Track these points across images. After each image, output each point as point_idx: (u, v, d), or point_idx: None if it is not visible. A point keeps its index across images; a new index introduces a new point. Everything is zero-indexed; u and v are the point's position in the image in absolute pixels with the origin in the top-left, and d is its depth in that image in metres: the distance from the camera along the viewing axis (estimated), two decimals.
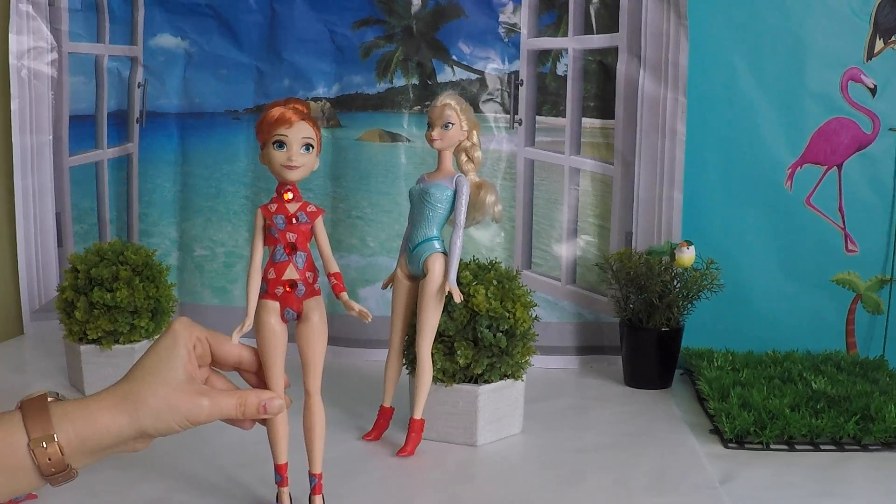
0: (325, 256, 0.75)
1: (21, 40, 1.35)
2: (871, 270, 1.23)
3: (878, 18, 1.18)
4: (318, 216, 0.73)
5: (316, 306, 0.73)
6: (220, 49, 1.35)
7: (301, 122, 0.70)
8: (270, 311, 0.72)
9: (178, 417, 0.61)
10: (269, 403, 0.67)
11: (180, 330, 0.64)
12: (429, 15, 1.29)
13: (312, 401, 0.75)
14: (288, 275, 0.71)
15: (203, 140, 1.38)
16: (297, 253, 0.71)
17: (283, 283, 0.71)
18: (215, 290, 1.37)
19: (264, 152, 0.71)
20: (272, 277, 0.71)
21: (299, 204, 0.72)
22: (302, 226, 0.72)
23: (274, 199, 0.73)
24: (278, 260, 0.71)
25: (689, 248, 1.13)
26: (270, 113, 0.70)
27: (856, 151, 1.21)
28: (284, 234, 0.71)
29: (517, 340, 0.93)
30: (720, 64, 1.21)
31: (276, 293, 0.72)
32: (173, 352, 0.63)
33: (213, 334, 0.68)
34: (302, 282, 0.71)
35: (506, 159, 1.30)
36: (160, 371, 0.61)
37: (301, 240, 0.72)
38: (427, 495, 0.83)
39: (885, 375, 1.09)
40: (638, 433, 1.00)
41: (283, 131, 0.69)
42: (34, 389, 1.09)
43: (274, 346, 0.71)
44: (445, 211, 0.91)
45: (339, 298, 0.74)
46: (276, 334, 0.71)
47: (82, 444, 0.58)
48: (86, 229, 1.44)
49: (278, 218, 0.71)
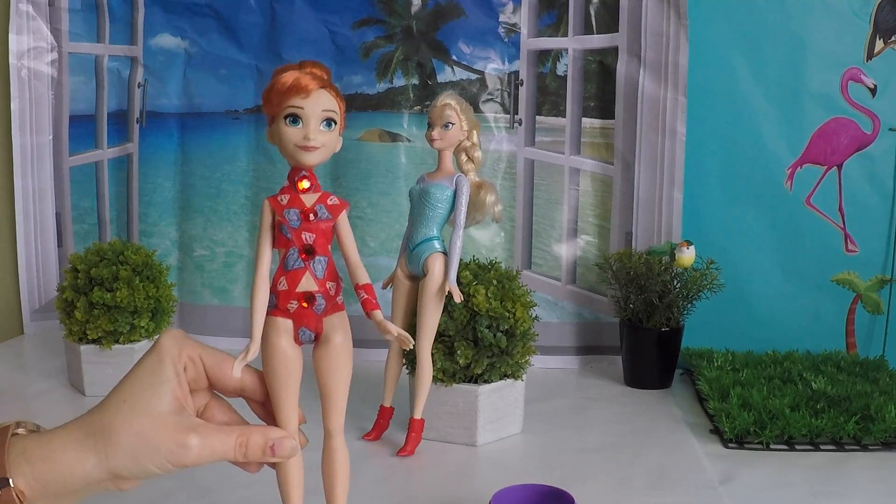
0: (351, 262, 0.60)
1: (21, 40, 1.35)
2: (871, 270, 1.23)
3: (878, 18, 1.18)
4: (341, 210, 0.58)
5: (339, 324, 0.59)
6: (220, 49, 1.35)
7: (320, 90, 0.55)
8: (281, 330, 0.57)
9: (158, 459, 0.49)
10: (278, 444, 0.54)
11: (168, 346, 0.52)
12: (429, 15, 1.29)
13: (334, 442, 0.61)
14: (304, 286, 0.57)
15: (203, 140, 1.38)
16: (316, 258, 0.57)
17: (297, 297, 0.57)
18: (215, 290, 1.37)
19: (273, 129, 0.56)
20: (284, 289, 0.57)
21: (318, 195, 0.57)
22: (322, 223, 0.57)
23: (285, 188, 0.58)
24: (291, 267, 0.57)
25: (689, 248, 1.13)
26: (282, 79, 0.55)
27: (856, 151, 1.21)
28: (299, 233, 0.57)
29: (517, 340, 0.93)
30: (720, 64, 1.21)
31: (289, 309, 0.57)
32: (158, 374, 0.51)
33: (209, 352, 0.54)
34: (321, 294, 0.57)
35: (506, 159, 1.30)
36: (140, 398, 0.50)
37: (320, 241, 0.57)
38: (427, 495, 0.83)
39: (885, 375, 1.09)
40: (638, 433, 1.00)
41: (297, 102, 0.54)
42: (34, 389, 1.10)
43: (286, 374, 0.57)
44: (445, 211, 0.91)
45: (372, 318, 0.60)
46: (289, 359, 0.57)
47: (45, 490, 0.48)
48: (86, 229, 1.44)
49: (291, 213, 0.57)
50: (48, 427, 0.52)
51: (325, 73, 0.57)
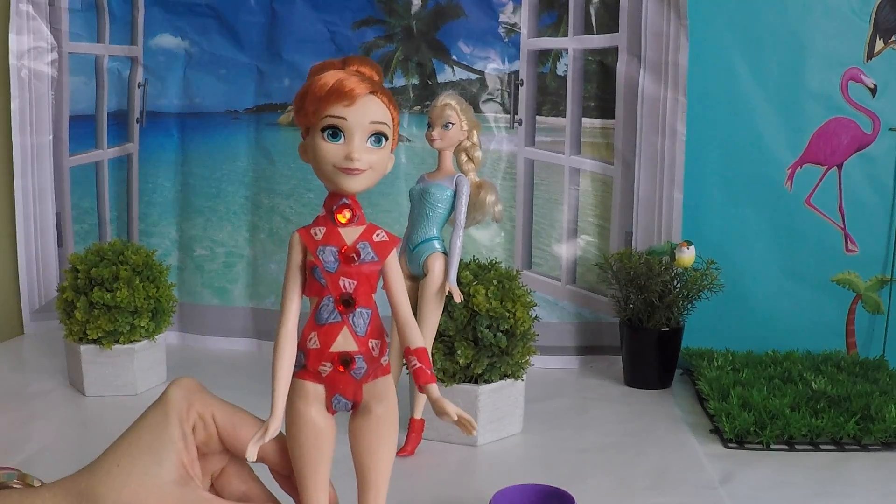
0: (401, 317, 0.49)
1: (21, 40, 1.35)
2: (871, 270, 1.23)
3: (878, 18, 1.18)
4: (391, 250, 0.48)
5: (382, 392, 0.49)
6: (220, 49, 1.35)
7: (369, 96, 0.45)
8: (311, 398, 0.46)
9: None
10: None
11: (176, 401, 0.44)
12: (429, 15, 1.29)
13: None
14: (340, 345, 0.46)
15: (203, 140, 1.38)
16: (357, 310, 0.46)
17: (331, 358, 0.46)
18: (215, 290, 1.37)
19: (307, 143, 0.46)
20: (315, 348, 0.46)
21: (362, 229, 0.47)
22: (365, 266, 0.46)
23: (320, 219, 0.47)
24: (325, 321, 0.46)
25: (689, 248, 1.13)
26: (320, 80, 0.45)
27: (856, 151, 1.21)
28: (336, 279, 0.46)
29: (517, 340, 0.93)
30: (720, 64, 1.21)
31: (321, 372, 0.46)
32: (162, 434, 0.43)
33: (222, 409, 0.45)
34: (362, 356, 0.47)
35: (506, 159, 1.30)
36: (136, 462, 0.42)
37: (363, 289, 0.46)
38: (427, 495, 0.83)
39: (885, 375, 1.09)
40: (638, 433, 1.00)
41: (339, 111, 0.44)
42: (34, 389, 1.10)
43: (315, 450, 0.46)
44: (445, 211, 0.91)
45: (425, 393, 0.48)
46: (319, 433, 0.46)
47: None
48: (86, 229, 1.44)
49: (327, 252, 0.45)
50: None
51: (374, 72, 0.46)
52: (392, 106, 0.46)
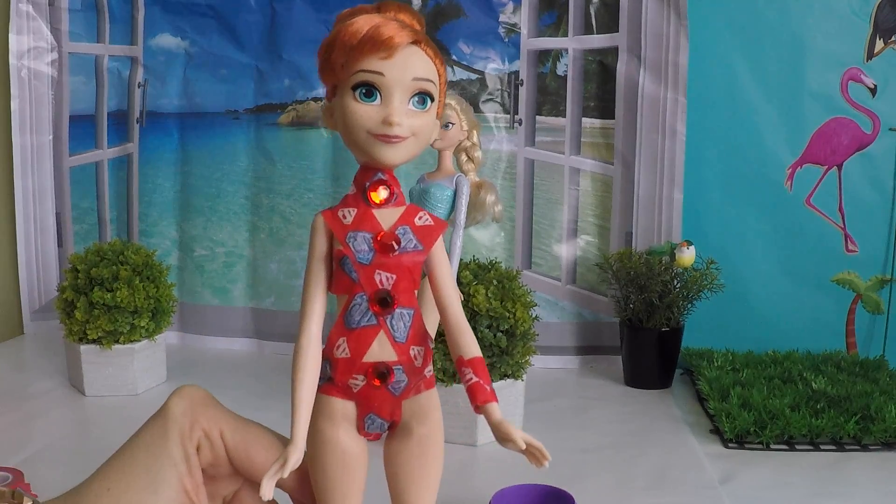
0: (451, 320, 0.40)
1: (21, 40, 1.35)
2: (871, 270, 1.23)
3: (878, 18, 1.18)
4: (437, 236, 0.39)
5: (427, 409, 0.42)
6: (220, 49, 1.35)
7: (412, 46, 0.36)
8: (338, 417, 0.38)
9: None
10: None
11: (177, 415, 0.37)
12: (429, 15, 1.29)
13: None
14: (375, 353, 0.38)
15: (203, 140, 1.38)
16: (396, 311, 0.38)
17: (364, 369, 0.38)
18: (215, 290, 1.37)
19: (335, 104, 0.37)
20: (344, 357, 0.38)
21: (401, 210, 0.38)
22: (407, 256, 0.37)
23: (349, 198, 0.39)
24: (357, 324, 0.38)
25: (689, 248, 1.13)
26: (352, 27, 0.35)
27: (856, 151, 1.21)
28: (371, 272, 0.37)
29: (517, 340, 0.93)
30: (720, 64, 1.21)
31: (352, 387, 0.38)
32: (160, 453, 0.36)
33: (233, 425, 0.38)
34: (402, 367, 0.38)
35: (506, 159, 1.30)
36: (129, 486, 0.35)
37: (404, 285, 0.38)
38: None
39: (885, 375, 1.09)
40: (638, 433, 1.00)
41: (375, 65, 0.35)
42: (34, 389, 1.10)
43: (343, 480, 0.38)
44: (445, 211, 0.91)
45: (483, 414, 0.42)
46: (349, 459, 0.38)
47: None
48: (86, 229, 1.44)
49: (359, 239, 0.37)
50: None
51: (416, 20, 0.38)
52: (438, 60, 0.38)
